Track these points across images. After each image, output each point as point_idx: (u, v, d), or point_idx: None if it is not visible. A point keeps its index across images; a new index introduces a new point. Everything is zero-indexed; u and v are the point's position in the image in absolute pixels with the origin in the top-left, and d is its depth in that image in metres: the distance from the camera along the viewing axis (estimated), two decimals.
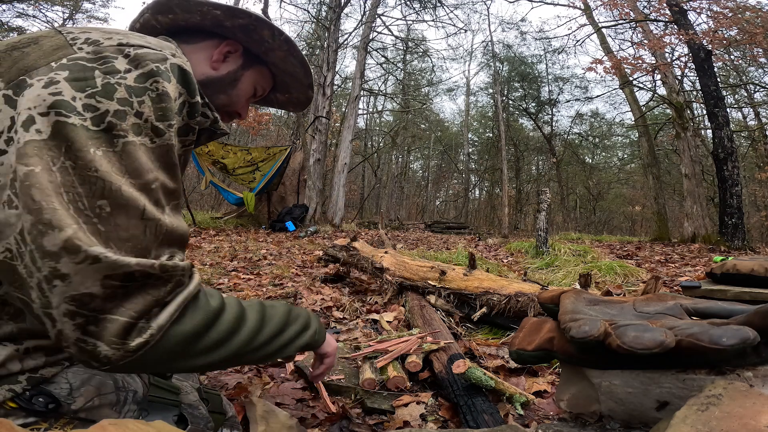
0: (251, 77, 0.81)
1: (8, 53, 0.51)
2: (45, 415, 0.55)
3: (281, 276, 3.14)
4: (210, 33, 0.75)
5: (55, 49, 0.51)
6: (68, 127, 0.45)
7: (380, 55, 14.43)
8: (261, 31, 0.74)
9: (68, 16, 16.11)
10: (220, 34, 0.76)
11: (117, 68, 0.50)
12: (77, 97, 0.46)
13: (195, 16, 0.72)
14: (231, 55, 0.77)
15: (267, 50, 0.78)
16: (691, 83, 11.57)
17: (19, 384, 0.53)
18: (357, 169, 20.48)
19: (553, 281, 3.04)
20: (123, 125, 0.48)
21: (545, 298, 0.81)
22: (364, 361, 1.27)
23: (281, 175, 9.32)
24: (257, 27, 0.74)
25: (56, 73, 0.47)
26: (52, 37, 0.53)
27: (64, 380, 0.58)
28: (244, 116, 0.84)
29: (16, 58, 0.50)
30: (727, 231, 6.90)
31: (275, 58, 0.80)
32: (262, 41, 0.76)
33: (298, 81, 0.87)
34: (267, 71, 0.84)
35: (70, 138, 0.45)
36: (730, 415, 0.42)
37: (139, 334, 0.48)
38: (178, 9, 0.72)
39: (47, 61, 0.49)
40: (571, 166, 19.79)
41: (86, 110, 0.46)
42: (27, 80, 0.47)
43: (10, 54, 0.51)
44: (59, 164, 0.44)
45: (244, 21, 0.73)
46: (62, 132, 0.45)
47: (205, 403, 0.76)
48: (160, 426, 0.47)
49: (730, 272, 1.29)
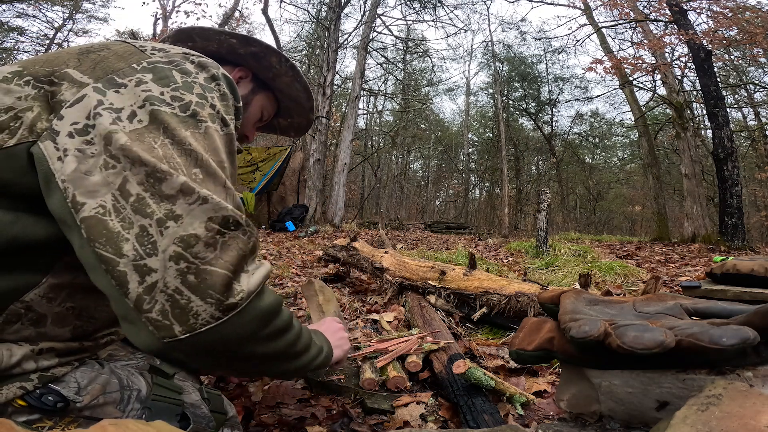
0: (259, 102, 0.87)
1: (85, 56, 0.58)
2: (50, 413, 0.56)
3: (281, 276, 3.14)
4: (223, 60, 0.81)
5: (130, 53, 0.59)
6: (162, 114, 0.53)
7: (380, 55, 14.43)
8: (270, 58, 0.82)
9: (68, 16, 16.10)
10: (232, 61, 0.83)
11: (189, 69, 0.59)
12: (164, 92, 0.55)
13: (213, 44, 0.81)
14: (243, 80, 0.84)
15: (274, 76, 0.85)
16: (691, 83, 11.57)
17: (30, 382, 0.54)
18: (357, 169, 20.46)
19: (553, 281, 3.04)
20: (203, 113, 0.56)
21: (545, 298, 0.81)
22: (364, 361, 1.27)
23: (281, 175, 9.33)
24: (266, 54, 0.81)
25: (143, 75, 0.55)
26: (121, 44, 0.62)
27: (72, 379, 0.59)
28: (251, 139, 0.91)
29: (96, 61, 0.57)
30: (727, 231, 6.89)
31: (281, 84, 0.87)
32: (270, 67, 0.84)
33: (300, 105, 0.93)
34: (273, 96, 0.90)
35: (165, 121, 0.53)
36: (730, 415, 0.42)
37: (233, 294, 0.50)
38: (198, 37, 0.80)
39: (128, 63, 0.57)
40: (571, 166, 19.79)
41: (174, 101, 0.55)
42: (116, 79, 0.54)
43: (87, 56, 0.58)
44: (160, 142, 0.52)
45: (256, 49, 0.81)
46: (158, 118, 0.53)
47: (207, 402, 0.76)
48: (161, 426, 0.47)
49: (730, 272, 1.29)
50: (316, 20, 12.24)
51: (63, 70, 0.55)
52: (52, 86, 0.54)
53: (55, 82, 0.54)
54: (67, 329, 0.59)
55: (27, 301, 0.53)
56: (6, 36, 15.20)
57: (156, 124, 0.52)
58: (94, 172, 0.48)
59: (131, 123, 0.51)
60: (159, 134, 0.52)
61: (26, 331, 0.55)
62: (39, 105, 0.52)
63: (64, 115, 0.51)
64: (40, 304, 0.54)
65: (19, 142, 0.51)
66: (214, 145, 0.56)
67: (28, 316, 0.54)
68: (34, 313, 0.54)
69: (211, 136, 0.56)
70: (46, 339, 0.57)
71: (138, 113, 0.52)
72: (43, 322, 0.55)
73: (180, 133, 0.53)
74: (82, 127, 0.50)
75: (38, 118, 0.52)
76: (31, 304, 0.53)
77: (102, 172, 0.48)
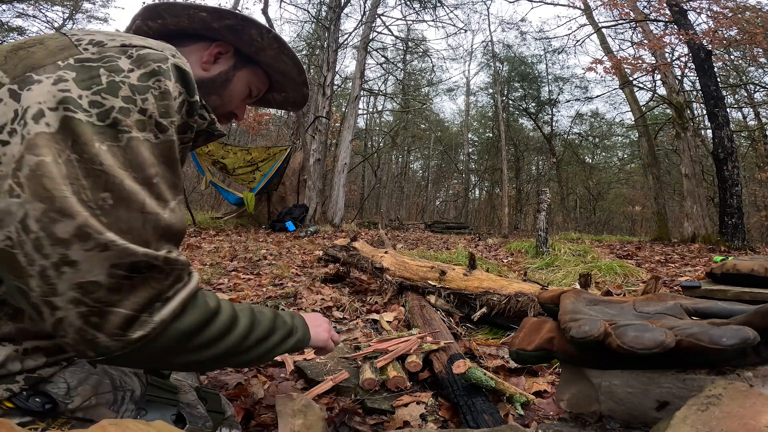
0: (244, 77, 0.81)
1: (14, 52, 0.52)
2: (42, 415, 0.55)
3: (281, 276, 3.14)
4: (200, 36, 0.77)
5: (61, 49, 0.52)
6: (75, 121, 0.46)
7: (380, 55, 14.43)
8: (249, 31, 0.75)
9: (68, 16, 16.10)
10: (209, 36, 0.77)
11: (121, 67, 0.51)
12: (83, 95, 0.48)
13: (183, 19, 0.73)
14: (222, 56, 0.77)
15: (258, 50, 0.79)
16: (691, 83, 11.57)
17: (16, 384, 0.54)
18: (357, 169, 20.47)
19: (553, 281, 3.04)
20: (127, 121, 0.49)
21: (545, 298, 0.80)
22: (364, 361, 1.27)
23: (281, 175, 9.32)
24: (245, 27, 0.74)
25: (64, 72, 0.49)
26: (56, 39, 0.54)
27: (61, 380, 0.58)
28: (240, 117, 0.85)
29: (22, 57, 0.51)
30: (727, 231, 6.89)
31: (267, 57, 0.81)
32: (252, 41, 0.77)
33: (292, 79, 0.87)
34: (261, 71, 0.84)
35: (77, 132, 0.46)
36: (730, 415, 0.42)
37: (141, 327, 0.49)
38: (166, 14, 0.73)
39: (53, 60, 0.50)
40: (571, 166, 19.78)
41: (92, 107, 0.48)
42: (33, 76, 0.48)
43: (16, 53, 0.52)
44: (65, 157, 0.46)
45: (231, 21, 0.73)
46: (69, 126, 0.46)
47: (204, 402, 0.76)
48: (160, 426, 0.47)
49: (730, 272, 1.29)
50: (316, 20, 12.24)
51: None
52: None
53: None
54: None
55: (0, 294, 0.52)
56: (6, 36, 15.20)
57: (65, 133, 0.46)
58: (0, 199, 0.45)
59: (37, 124, 0.46)
60: (66, 147, 0.46)
61: (6, 327, 0.54)
62: None
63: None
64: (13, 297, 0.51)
65: None
66: (137, 159, 0.50)
67: (4, 311, 0.53)
68: (9, 307, 0.53)
69: (134, 148, 0.49)
70: (29, 337, 0.55)
71: (47, 115, 0.46)
72: (20, 316, 0.54)
73: (92, 148, 0.47)
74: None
75: None
76: (4, 298, 0.52)
77: (5, 200, 0.45)
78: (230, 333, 0.60)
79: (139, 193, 0.49)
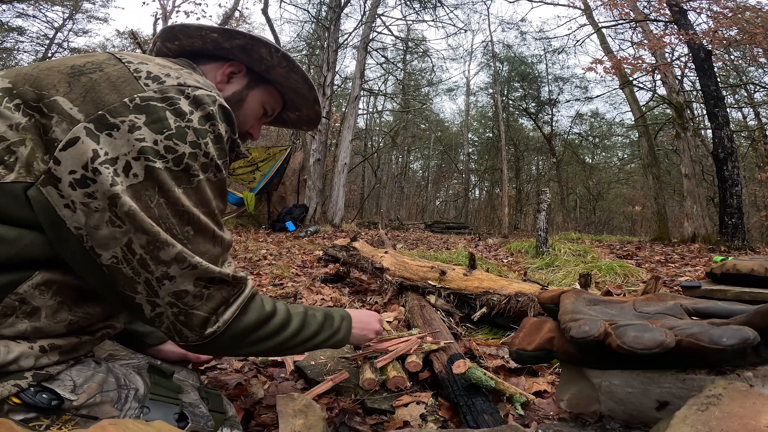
0: (258, 97, 0.84)
1: (76, 79, 0.58)
2: (47, 412, 0.56)
3: (281, 276, 3.14)
4: (214, 56, 0.80)
5: (123, 81, 0.59)
6: (156, 171, 0.56)
7: (380, 55, 14.41)
8: (258, 50, 0.78)
9: (68, 16, 16.09)
10: (223, 56, 0.80)
11: (184, 110, 0.59)
12: (158, 140, 0.56)
13: (197, 40, 0.78)
14: (235, 75, 0.81)
15: (268, 68, 0.81)
16: (691, 83, 11.56)
17: (24, 380, 0.55)
18: (357, 169, 20.46)
19: (553, 281, 3.04)
20: (195, 166, 0.60)
21: (545, 298, 0.81)
22: (364, 361, 1.27)
23: (281, 175, 9.33)
24: (254, 46, 0.77)
25: (136, 117, 0.56)
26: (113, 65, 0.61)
27: (68, 377, 0.60)
28: (256, 137, 0.89)
29: (87, 87, 0.57)
30: (727, 231, 6.89)
31: (277, 76, 0.83)
32: (261, 59, 0.79)
33: (303, 97, 0.89)
34: (274, 90, 0.86)
35: (160, 180, 0.57)
36: (730, 415, 0.42)
37: (212, 326, 0.65)
38: (182, 35, 0.77)
39: (120, 96, 0.57)
40: (571, 166, 19.77)
41: (167, 152, 0.57)
42: (108, 118, 0.55)
43: (77, 80, 0.58)
44: (155, 201, 0.57)
45: (241, 41, 0.77)
46: (153, 174, 0.56)
47: (206, 402, 0.76)
48: (160, 426, 0.47)
49: (730, 272, 1.29)
50: (316, 20, 12.24)
51: (52, 98, 0.56)
52: (42, 117, 0.55)
53: (45, 113, 0.55)
54: (62, 324, 0.59)
55: (21, 293, 0.54)
56: (6, 36, 15.19)
57: (151, 180, 0.56)
58: (102, 227, 0.55)
59: (127, 177, 0.55)
60: (154, 193, 0.57)
61: (22, 325, 0.55)
62: (31, 138, 0.54)
63: (60, 159, 0.53)
64: (33, 296, 0.55)
65: (16, 180, 0.53)
66: (204, 197, 0.62)
67: (22, 309, 0.55)
68: (28, 306, 0.55)
69: (203, 189, 0.61)
70: (43, 335, 0.57)
71: (133, 166, 0.55)
72: (37, 315, 0.56)
73: (174, 193, 0.58)
74: (80, 177, 0.53)
75: (33, 157, 0.54)
76: (24, 296, 0.55)
77: (108, 228, 0.55)
78: (282, 332, 0.76)
79: (209, 225, 0.63)
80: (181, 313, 0.62)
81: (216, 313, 0.65)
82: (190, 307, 0.62)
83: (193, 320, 0.63)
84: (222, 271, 0.64)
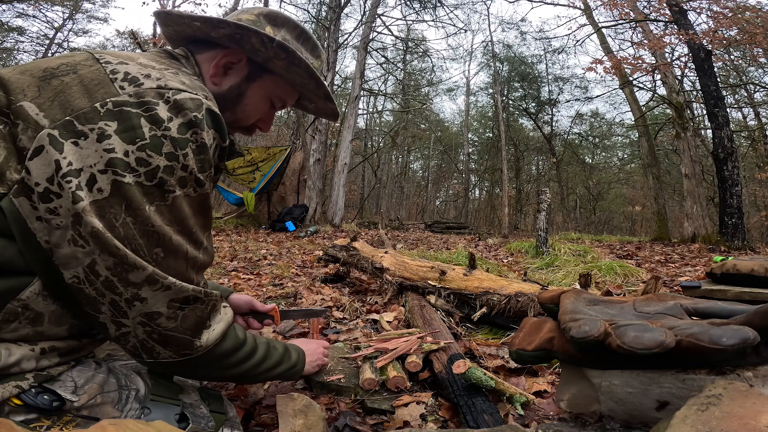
0: (262, 89, 0.74)
1: (47, 81, 0.53)
2: (48, 413, 0.56)
3: (281, 276, 3.14)
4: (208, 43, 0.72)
5: (96, 83, 0.53)
6: (125, 187, 0.51)
7: (380, 55, 14.42)
8: (250, 40, 0.68)
9: (68, 16, 16.09)
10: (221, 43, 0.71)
11: (161, 117, 0.53)
12: (129, 151, 0.51)
13: (185, 28, 0.70)
14: (234, 66, 0.72)
15: (265, 60, 0.71)
16: (691, 83, 11.56)
17: (26, 381, 0.55)
18: (357, 169, 20.45)
19: (553, 281, 3.04)
20: (171, 180, 0.54)
21: (545, 298, 0.81)
22: (364, 361, 1.27)
23: (281, 175, 9.32)
24: (244, 36, 0.68)
25: (106, 124, 0.51)
26: (89, 66, 0.55)
27: (69, 378, 0.60)
28: (265, 129, 0.80)
29: (57, 90, 0.52)
30: (727, 231, 6.89)
31: (277, 68, 0.73)
32: (256, 50, 0.70)
33: (312, 92, 0.79)
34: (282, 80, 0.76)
35: (128, 196, 0.51)
36: (730, 415, 0.42)
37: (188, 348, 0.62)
38: (170, 22, 0.70)
39: (91, 101, 0.51)
40: (571, 166, 19.77)
41: (139, 164, 0.51)
42: (76, 125, 0.50)
43: (48, 82, 0.53)
44: (121, 220, 0.52)
45: (227, 31, 0.68)
46: (120, 190, 0.51)
47: (206, 402, 0.76)
48: (160, 426, 0.47)
49: (730, 272, 1.29)
50: (316, 20, 12.23)
51: (19, 103, 0.51)
52: (11, 124, 0.51)
53: (12, 120, 0.51)
54: (64, 327, 0.59)
55: (24, 299, 0.54)
56: (6, 36, 15.19)
57: (118, 197, 0.51)
58: (62, 245, 0.51)
59: (91, 192, 0.50)
60: (120, 210, 0.51)
61: (24, 330, 0.55)
62: (5, 146, 0.51)
63: (30, 169, 0.49)
64: (36, 302, 0.54)
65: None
66: (180, 215, 0.57)
67: (25, 315, 0.55)
68: (31, 312, 0.55)
69: (178, 207, 0.56)
70: (44, 338, 0.57)
71: (98, 180, 0.50)
72: (40, 320, 0.56)
73: (143, 212, 0.53)
74: (43, 191, 0.49)
75: (6, 165, 0.50)
76: (27, 302, 0.54)
77: (70, 246, 0.51)
78: (250, 359, 0.74)
79: (183, 245, 0.58)
80: (155, 332, 0.59)
81: (197, 333, 0.62)
82: (164, 328, 0.59)
83: (172, 340, 0.60)
84: (196, 288, 0.60)
